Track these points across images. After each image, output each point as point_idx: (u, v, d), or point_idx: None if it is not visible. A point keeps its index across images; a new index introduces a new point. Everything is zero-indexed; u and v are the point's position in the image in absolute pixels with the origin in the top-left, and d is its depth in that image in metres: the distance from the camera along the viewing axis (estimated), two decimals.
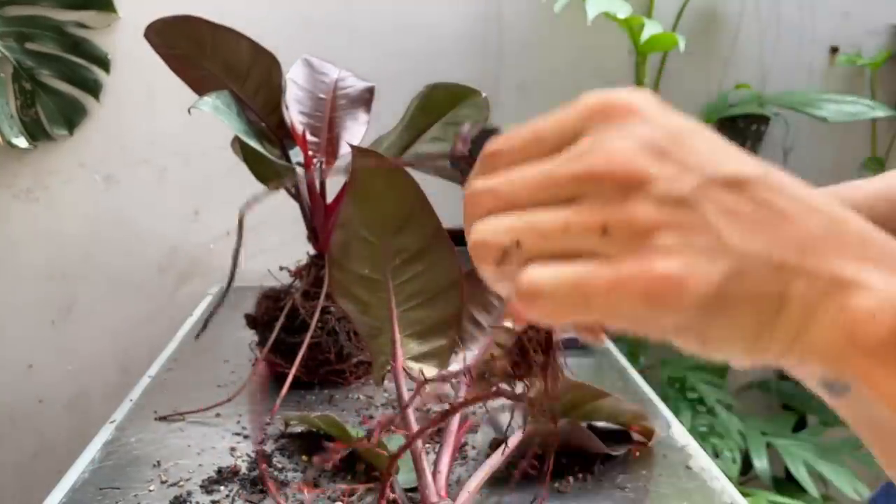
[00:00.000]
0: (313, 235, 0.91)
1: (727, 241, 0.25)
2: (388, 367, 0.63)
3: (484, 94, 0.80)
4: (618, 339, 1.42)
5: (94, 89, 1.37)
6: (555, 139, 0.28)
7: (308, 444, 0.76)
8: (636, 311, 0.25)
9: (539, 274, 0.26)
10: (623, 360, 1.02)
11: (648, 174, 0.26)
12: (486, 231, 0.28)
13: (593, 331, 0.30)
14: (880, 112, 1.32)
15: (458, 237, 1.25)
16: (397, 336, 0.63)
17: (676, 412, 1.28)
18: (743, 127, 1.45)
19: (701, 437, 1.25)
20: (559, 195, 0.27)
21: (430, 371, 0.60)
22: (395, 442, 0.62)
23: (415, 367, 0.61)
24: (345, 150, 0.90)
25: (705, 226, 0.25)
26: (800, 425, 1.47)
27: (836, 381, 0.27)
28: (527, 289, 0.26)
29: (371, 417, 0.83)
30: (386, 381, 0.92)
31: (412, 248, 0.62)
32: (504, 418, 0.67)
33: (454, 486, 0.69)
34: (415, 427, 0.57)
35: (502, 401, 0.40)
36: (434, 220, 0.62)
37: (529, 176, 0.28)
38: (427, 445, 0.76)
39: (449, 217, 0.61)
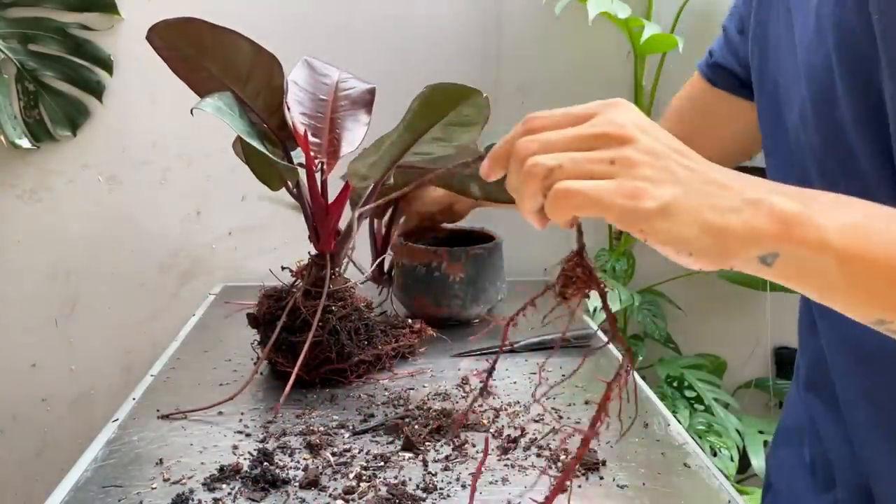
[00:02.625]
0: (314, 235, 0.92)
1: (679, 177, 0.44)
2: None
3: (484, 94, 0.80)
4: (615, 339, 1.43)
5: (96, 90, 1.37)
6: (579, 116, 0.46)
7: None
8: (625, 206, 0.42)
9: (572, 182, 0.43)
10: (621, 360, 1.02)
11: (637, 137, 0.44)
12: (541, 158, 0.45)
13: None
14: None
15: (459, 238, 1.26)
16: None
17: (674, 411, 1.28)
18: None
19: (699, 436, 1.26)
20: (583, 147, 0.45)
21: None
22: None
23: None
24: (346, 150, 0.90)
25: (667, 169, 0.44)
26: None
27: (768, 255, 0.43)
28: (564, 189, 0.43)
29: (372, 416, 0.83)
30: (386, 381, 0.93)
31: None
32: None
33: (454, 484, 0.69)
34: None
35: None
36: None
37: (564, 134, 0.45)
38: (428, 444, 0.77)
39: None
